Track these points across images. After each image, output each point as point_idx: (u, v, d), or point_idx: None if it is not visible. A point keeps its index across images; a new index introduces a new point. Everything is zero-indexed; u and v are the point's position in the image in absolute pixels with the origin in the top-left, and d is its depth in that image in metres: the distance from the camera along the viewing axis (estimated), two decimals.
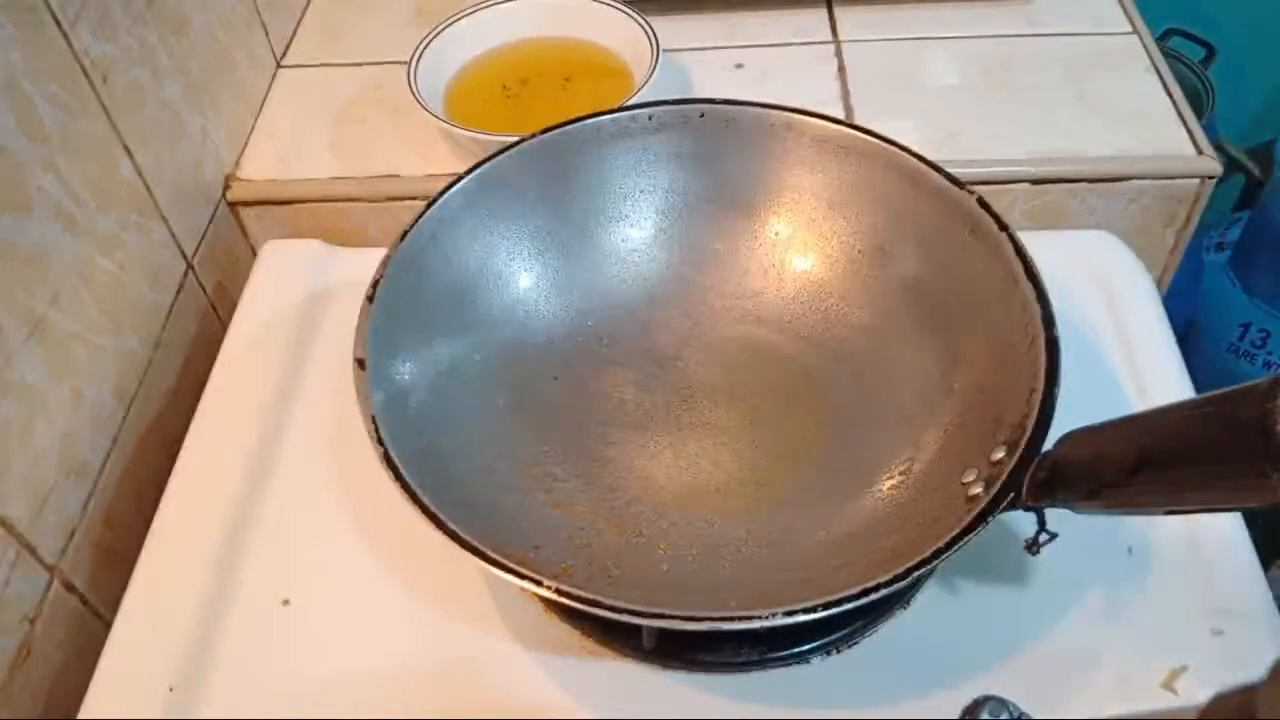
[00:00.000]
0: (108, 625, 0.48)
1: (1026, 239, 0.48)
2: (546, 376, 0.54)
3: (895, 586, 0.38)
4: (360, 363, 0.46)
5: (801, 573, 0.45)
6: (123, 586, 0.49)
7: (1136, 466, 0.37)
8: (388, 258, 0.50)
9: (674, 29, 0.77)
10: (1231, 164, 1.25)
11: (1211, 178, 0.67)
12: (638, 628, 0.45)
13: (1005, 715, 0.28)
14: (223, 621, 0.48)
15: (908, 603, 0.47)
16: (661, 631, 0.45)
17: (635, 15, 0.73)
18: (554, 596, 0.39)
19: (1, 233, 0.47)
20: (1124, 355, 0.56)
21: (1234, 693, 0.22)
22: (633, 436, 0.52)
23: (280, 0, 0.79)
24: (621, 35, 0.73)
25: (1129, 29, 0.77)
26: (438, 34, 0.73)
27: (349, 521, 0.52)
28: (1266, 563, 0.48)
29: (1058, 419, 0.42)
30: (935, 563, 0.39)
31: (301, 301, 0.61)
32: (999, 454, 0.43)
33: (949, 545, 0.39)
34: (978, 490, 0.42)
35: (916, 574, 0.38)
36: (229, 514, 0.52)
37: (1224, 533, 0.49)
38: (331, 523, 0.52)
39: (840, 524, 0.47)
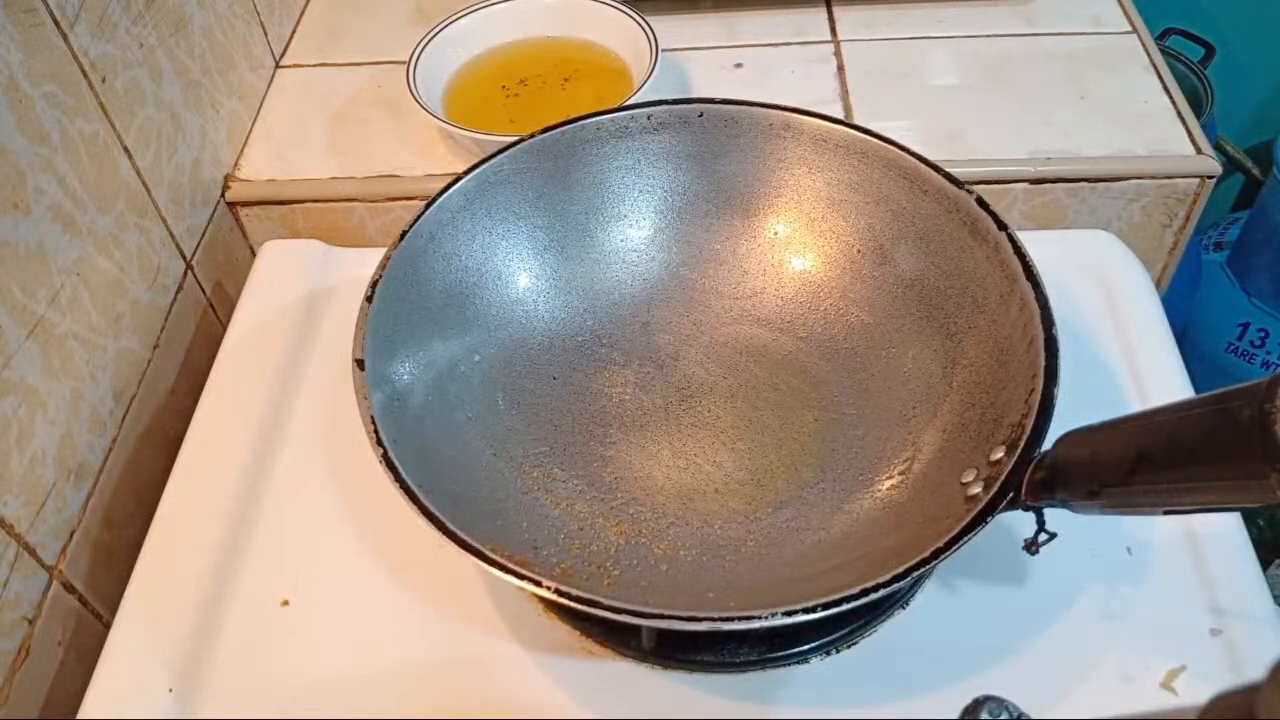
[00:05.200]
0: (107, 626, 0.48)
1: (1026, 238, 0.48)
2: (546, 376, 0.54)
3: (895, 586, 0.38)
4: (359, 363, 0.45)
5: (801, 573, 0.45)
6: (122, 587, 0.49)
7: (1135, 466, 0.37)
8: (387, 258, 0.50)
9: (673, 29, 0.77)
10: (1230, 164, 1.26)
11: (1210, 177, 0.67)
12: (637, 628, 0.45)
13: (1005, 715, 0.28)
14: (222, 622, 0.48)
15: (907, 603, 0.47)
16: (661, 632, 0.45)
17: (634, 15, 0.73)
18: (553, 597, 0.39)
19: (1, 233, 0.47)
20: (1123, 355, 0.56)
21: (1234, 693, 0.22)
22: (632, 436, 0.52)
23: (279, 0, 0.78)
24: (621, 35, 0.73)
25: (1128, 28, 0.77)
26: (437, 34, 0.73)
27: (348, 522, 0.52)
28: (1266, 562, 0.48)
29: (1057, 419, 0.42)
30: (935, 563, 0.39)
31: (300, 301, 0.61)
32: (998, 453, 0.43)
33: (948, 545, 0.39)
34: (977, 490, 0.42)
35: (916, 574, 0.38)
36: (228, 514, 0.52)
37: (1224, 533, 0.49)
38: (330, 523, 0.52)
39: (839, 524, 0.47)
